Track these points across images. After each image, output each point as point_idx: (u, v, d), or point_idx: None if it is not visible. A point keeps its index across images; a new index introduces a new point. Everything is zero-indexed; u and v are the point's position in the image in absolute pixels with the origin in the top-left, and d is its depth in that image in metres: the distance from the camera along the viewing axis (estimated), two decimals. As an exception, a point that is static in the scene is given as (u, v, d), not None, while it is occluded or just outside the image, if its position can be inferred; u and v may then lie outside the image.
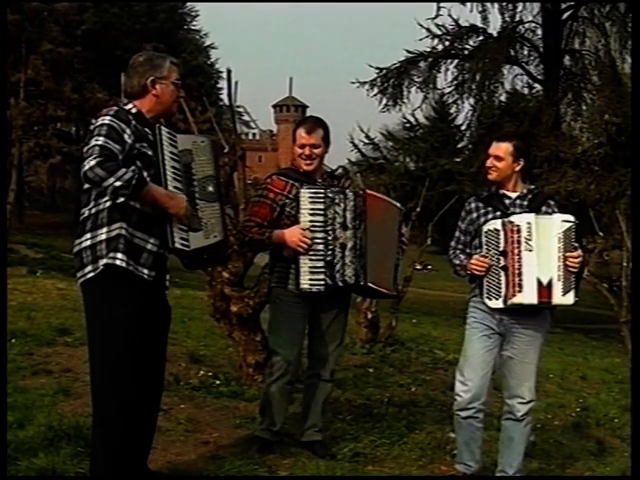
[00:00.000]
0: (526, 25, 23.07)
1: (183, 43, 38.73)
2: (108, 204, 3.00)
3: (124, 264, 2.98)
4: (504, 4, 22.86)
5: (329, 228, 3.81)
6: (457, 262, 3.84)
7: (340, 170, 4.64)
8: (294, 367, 3.98)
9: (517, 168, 3.76)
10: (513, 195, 3.78)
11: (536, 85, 23.54)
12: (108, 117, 3.01)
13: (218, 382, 5.33)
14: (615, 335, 11.89)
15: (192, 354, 6.18)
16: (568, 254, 3.58)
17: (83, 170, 2.86)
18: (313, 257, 3.79)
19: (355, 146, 26.06)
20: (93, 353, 3.10)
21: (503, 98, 23.94)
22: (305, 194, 3.82)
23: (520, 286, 3.56)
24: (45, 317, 7.46)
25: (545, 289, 3.55)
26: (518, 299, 3.57)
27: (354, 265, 3.82)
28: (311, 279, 3.79)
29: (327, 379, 4.09)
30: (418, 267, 12.13)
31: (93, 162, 2.85)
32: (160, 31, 35.69)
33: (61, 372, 5.24)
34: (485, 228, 3.69)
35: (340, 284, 3.81)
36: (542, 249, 3.57)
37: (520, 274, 3.56)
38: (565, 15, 22.52)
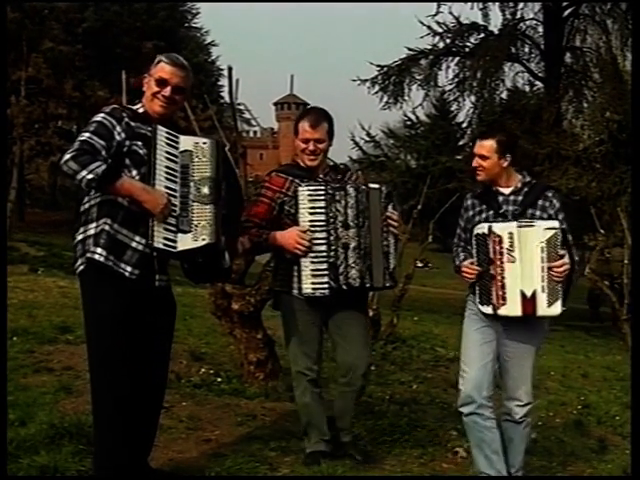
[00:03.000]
0: (527, 22, 23.05)
1: (184, 41, 38.71)
2: (98, 200, 3.05)
3: (102, 259, 3.01)
4: (505, 1, 22.85)
5: (331, 227, 3.63)
6: (457, 262, 3.73)
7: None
8: (315, 372, 3.83)
9: (505, 164, 3.59)
10: (507, 191, 3.62)
11: (537, 82, 23.52)
12: (101, 114, 3.09)
13: (219, 380, 5.34)
14: (616, 332, 11.88)
15: (193, 352, 6.18)
16: (551, 264, 3.43)
17: (60, 163, 2.95)
18: (315, 259, 3.61)
19: (356, 144, 26.07)
20: (87, 348, 3.15)
21: (504, 95, 23.94)
22: (304, 192, 3.65)
23: (504, 299, 3.46)
24: (46, 315, 7.46)
25: (529, 301, 3.43)
26: (503, 311, 3.48)
27: (358, 266, 3.63)
28: (314, 283, 3.60)
29: (359, 386, 3.87)
30: (419, 265, 12.16)
31: (68, 156, 2.92)
32: (161, 29, 35.65)
33: (62, 370, 5.25)
34: (474, 232, 3.56)
35: (344, 287, 3.62)
36: (525, 260, 3.44)
37: (503, 286, 3.46)
38: (566, 12, 22.48)
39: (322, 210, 3.64)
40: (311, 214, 3.64)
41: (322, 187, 3.68)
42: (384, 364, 7.03)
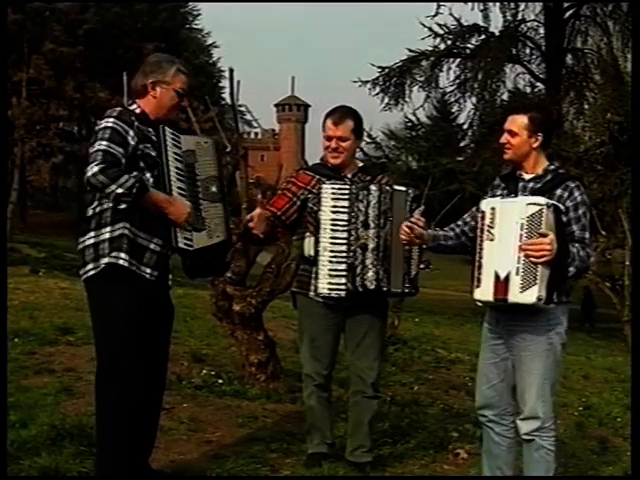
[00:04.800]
0: (528, 24, 23.17)
1: (185, 42, 38.81)
2: (112, 204, 3.02)
3: (127, 264, 3.01)
4: (505, 3, 22.88)
5: (352, 227, 3.53)
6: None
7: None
8: (324, 377, 3.79)
9: (535, 144, 3.25)
10: (528, 177, 3.29)
11: (538, 84, 23.59)
12: (112, 119, 3.04)
13: (220, 381, 5.33)
14: (618, 334, 11.87)
15: (194, 353, 6.18)
16: (526, 241, 3.01)
17: (86, 176, 2.92)
18: (334, 259, 3.51)
19: (357, 145, 26.03)
20: (96, 350, 3.13)
21: (505, 97, 24.00)
22: (327, 190, 3.55)
23: (479, 280, 3.14)
24: (48, 316, 7.46)
25: (502, 284, 3.05)
26: (477, 295, 3.16)
27: (375, 268, 3.54)
28: (330, 283, 3.51)
29: (371, 395, 3.78)
30: (420, 266, 12.13)
31: (96, 169, 2.90)
32: (162, 30, 35.77)
33: (64, 371, 5.24)
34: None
35: (360, 289, 3.53)
36: (503, 238, 3.08)
37: (480, 267, 3.14)
38: (567, 14, 22.56)
39: (345, 209, 3.54)
40: (333, 212, 3.54)
41: (347, 186, 3.59)
42: (385, 365, 7.00)
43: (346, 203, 3.54)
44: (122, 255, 3.00)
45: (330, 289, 3.53)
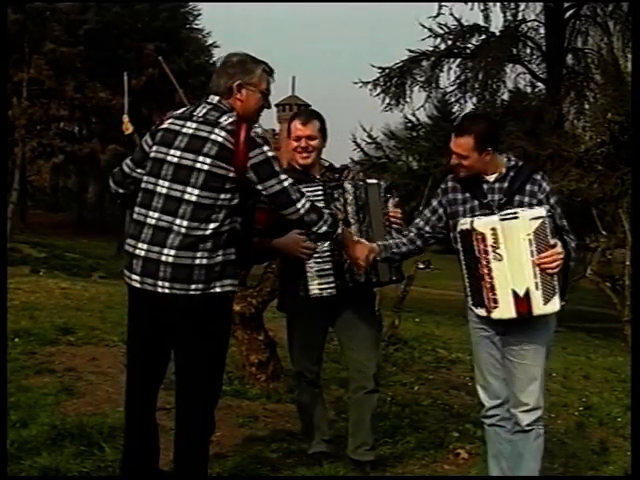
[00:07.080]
0: (528, 24, 23.12)
1: (185, 42, 38.69)
2: (228, 227, 2.92)
3: (237, 289, 3.07)
4: (506, 3, 22.88)
5: None
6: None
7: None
8: (315, 373, 3.84)
9: (487, 157, 3.24)
10: (492, 178, 3.29)
11: (539, 84, 23.57)
12: (266, 146, 2.93)
13: (221, 381, 5.33)
14: (618, 334, 11.88)
15: (195, 353, 6.17)
16: (540, 257, 3.07)
17: (300, 214, 2.95)
18: (319, 260, 3.56)
19: (358, 145, 26.08)
20: (203, 366, 3.05)
21: (506, 97, 23.98)
22: None
23: (495, 301, 3.16)
24: (48, 316, 7.46)
25: (522, 301, 3.10)
26: (497, 314, 3.18)
27: None
28: (320, 283, 3.57)
29: (371, 389, 3.79)
30: (421, 266, 12.18)
31: (308, 205, 2.97)
32: (162, 30, 35.69)
33: (64, 371, 5.24)
34: (458, 227, 3.25)
35: (350, 284, 3.59)
36: (513, 256, 3.10)
37: (493, 288, 3.15)
38: (568, 14, 22.54)
39: None
40: None
41: (319, 187, 3.63)
42: (386, 365, 7.02)
43: (322, 204, 3.52)
44: (236, 282, 3.01)
45: (321, 289, 3.58)
